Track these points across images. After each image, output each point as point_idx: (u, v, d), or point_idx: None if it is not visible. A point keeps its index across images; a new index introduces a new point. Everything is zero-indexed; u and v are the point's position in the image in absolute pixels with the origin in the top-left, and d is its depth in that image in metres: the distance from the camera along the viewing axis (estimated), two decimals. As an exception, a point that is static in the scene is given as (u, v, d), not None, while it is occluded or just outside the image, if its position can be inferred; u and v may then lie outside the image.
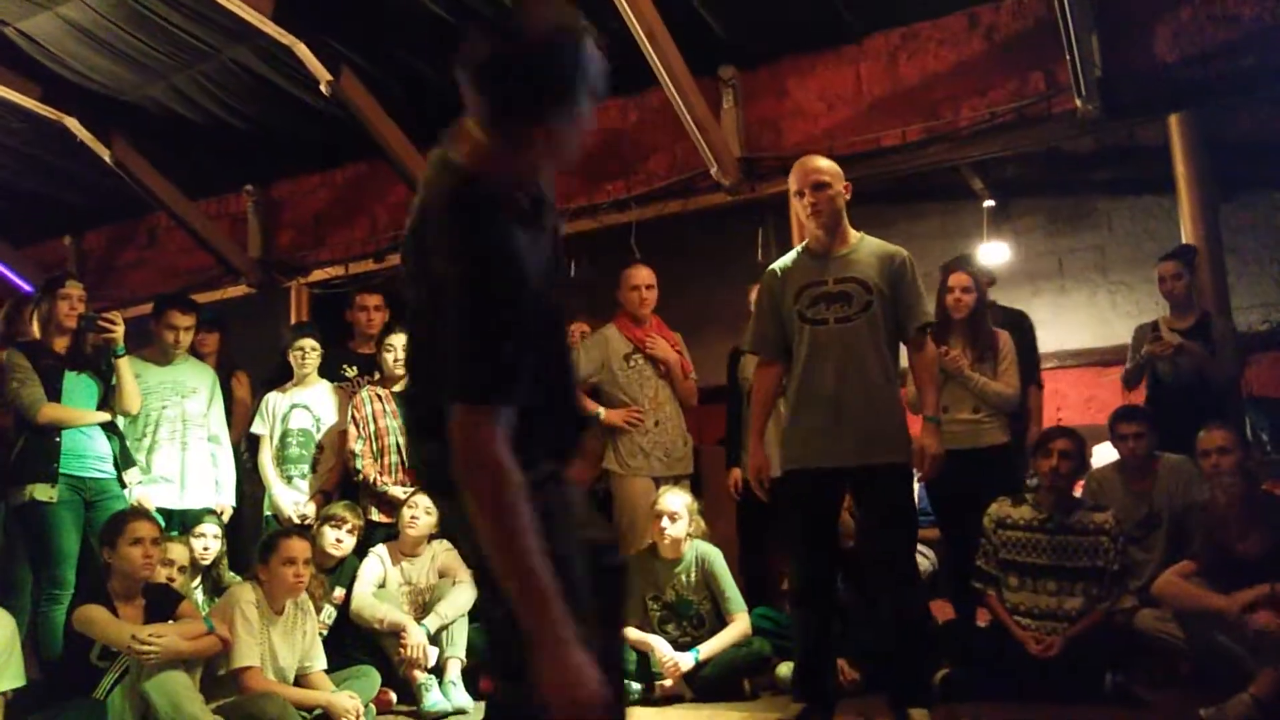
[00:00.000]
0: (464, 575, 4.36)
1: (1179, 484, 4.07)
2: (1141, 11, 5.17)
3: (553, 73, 1.57)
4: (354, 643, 4.33)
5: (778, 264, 3.57)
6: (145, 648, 3.42)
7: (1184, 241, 4.94)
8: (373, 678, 4.14)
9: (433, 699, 4.05)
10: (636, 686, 4.05)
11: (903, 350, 3.50)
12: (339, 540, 4.41)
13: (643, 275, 4.91)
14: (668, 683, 4.03)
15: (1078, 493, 4.34)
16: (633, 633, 4.19)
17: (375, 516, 4.73)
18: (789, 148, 5.70)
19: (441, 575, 4.45)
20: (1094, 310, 7.05)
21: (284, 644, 3.90)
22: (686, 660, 4.05)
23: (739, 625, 4.17)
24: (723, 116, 5.96)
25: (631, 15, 4.91)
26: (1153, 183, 6.08)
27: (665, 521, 4.21)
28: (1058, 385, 6.60)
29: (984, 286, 4.62)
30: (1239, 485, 3.32)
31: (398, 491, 4.69)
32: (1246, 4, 4.95)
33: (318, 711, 3.83)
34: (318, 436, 5.03)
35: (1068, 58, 4.85)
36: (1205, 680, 3.49)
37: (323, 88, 5.87)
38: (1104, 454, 5.23)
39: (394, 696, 4.26)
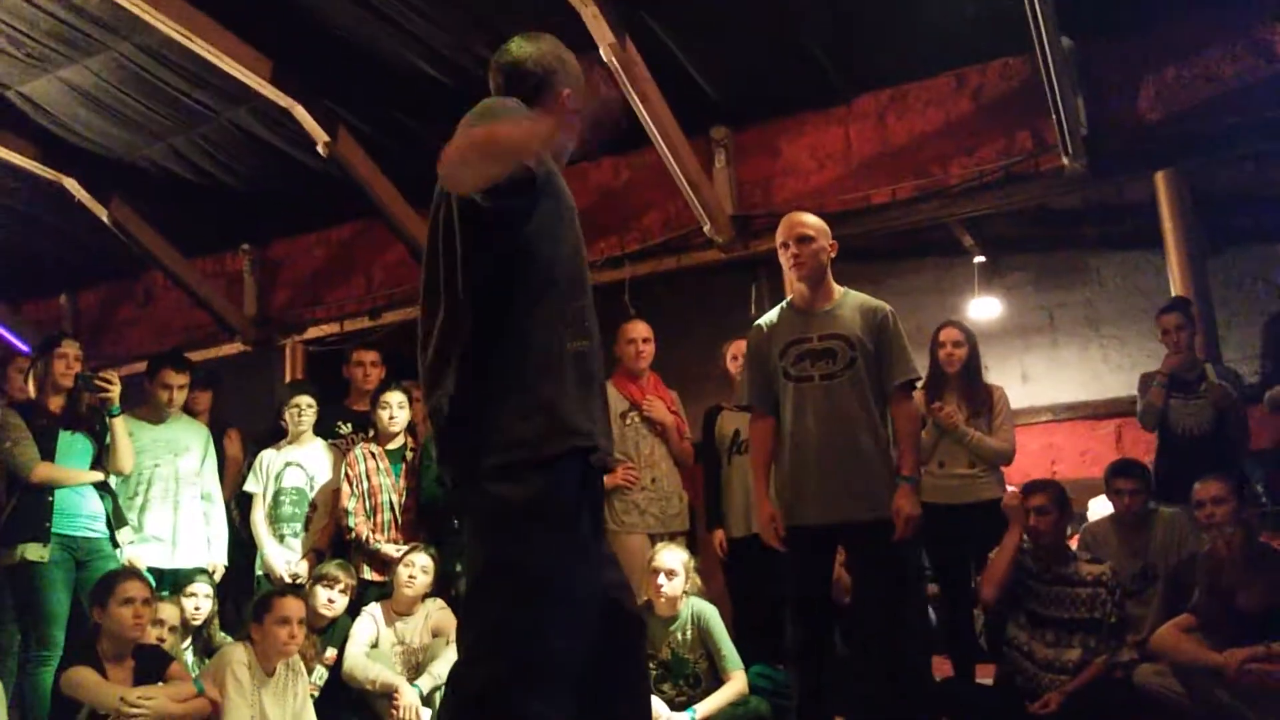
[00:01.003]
0: (453, 634, 4.32)
1: (1175, 537, 4.06)
2: (1125, 71, 5.29)
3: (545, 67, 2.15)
4: (345, 704, 4.27)
5: (763, 320, 3.60)
6: (134, 710, 3.37)
7: (1174, 294, 4.99)
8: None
9: (425, 762, 3.99)
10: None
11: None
12: (331, 600, 4.37)
13: (640, 329, 4.94)
14: (664, 743, 3.97)
15: (1074, 545, 4.35)
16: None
17: (368, 575, 4.69)
18: (781, 205, 5.77)
19: (435, 634, 4.41)
20: (1086, 364, 7.09)
21: (275, 706, 3.84)
22: (683, 720, 4.01)
23: (736, 684, 4.12)
24: (715, 175, 6.05)
25: (625, 79, 5.00)
26: (1141, 238, 6.14)
27: (662, 579, 4.18)
28: (1052, 438, 6.61)
29: (975, 342, 4.65)
30: (1238, 535, 3.32)
31: (390, 549, 4.66)
32: (1227, 63, 5.07)
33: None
34: (311, 495, 5.01)
35: (1053, 117, 4.95)
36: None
37: (320, 149, 5.94)
38: (1099, 507, 5.23)
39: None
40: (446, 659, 4.22)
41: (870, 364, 3.33)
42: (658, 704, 4.04)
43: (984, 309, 7.20)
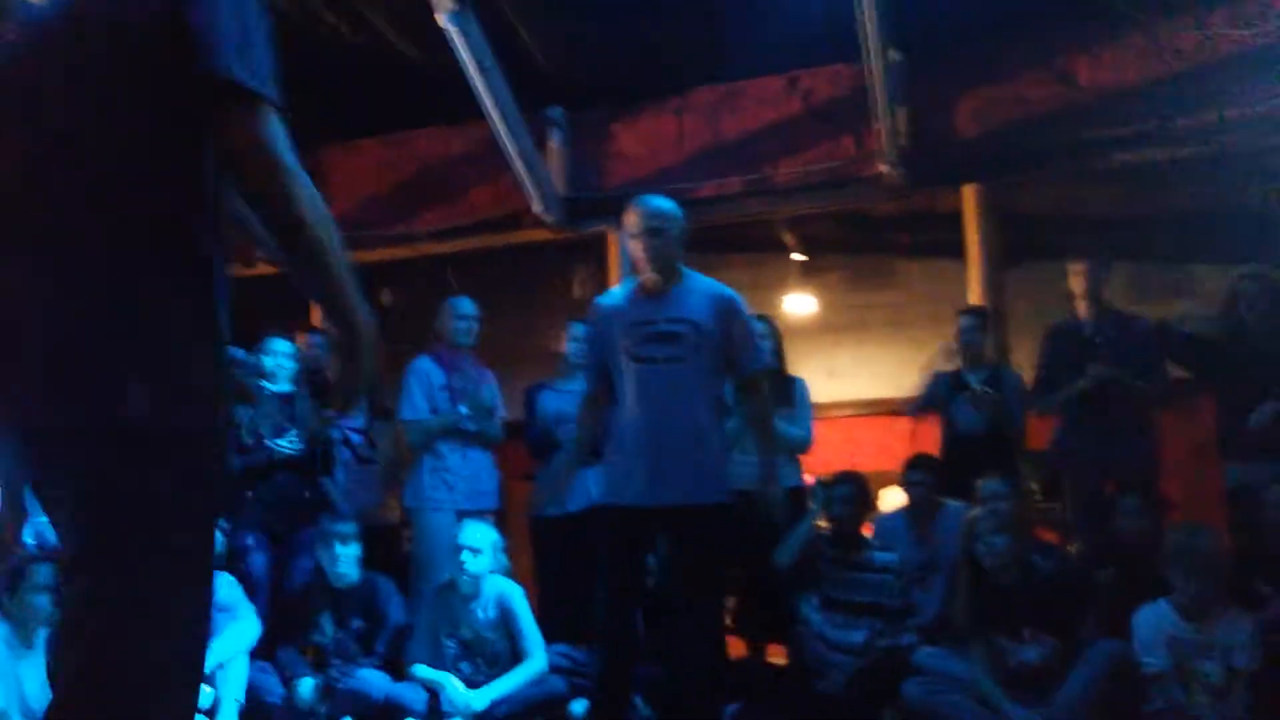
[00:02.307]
0: (242, 610, 4.15)
1: (958, 531, 4.29)
2: (946, 88, 5.54)
3: None
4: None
5: (606, 299, 3.56)
6: None
7: (971, 303, 5.28)
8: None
9: (205, 740, 3.80)
10: (426, 726, 3.93)
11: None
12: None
13: (469, 306, 4.84)
14: (458, 723, 3.93)
15: (868, 533, 4.55)
16: (423, 671, 4.08)
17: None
18: (611, 189, 5.79)
19: (220, 610, 4.20)
20: (889, 363, 7.42)
21: (38, 678, 3.57)
22: (479, 699, 3.96)
23: (534, 663, 4.11)
24: (548, 154, 6.00)
25: (462, 46, 4.89)
26: (947, 247, 6.47)
27: (466, 555, 4.12)
28: (853, 432, 6.91)
29: (779, 333, 4.79)
30: (1002, 520, 3.54)
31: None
32: (1036, 87, 5.39)
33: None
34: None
35: (877, 126, 5.14)
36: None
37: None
38: (892, 498, 5.50)
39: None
40: (230, 635, 4.03)
41: (714, 350, 3.33)
42: (453, 682, 3.99)
43: (799, 305, 7.46)
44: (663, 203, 3.42)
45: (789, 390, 4.63)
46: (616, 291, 3.58)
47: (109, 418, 1.26)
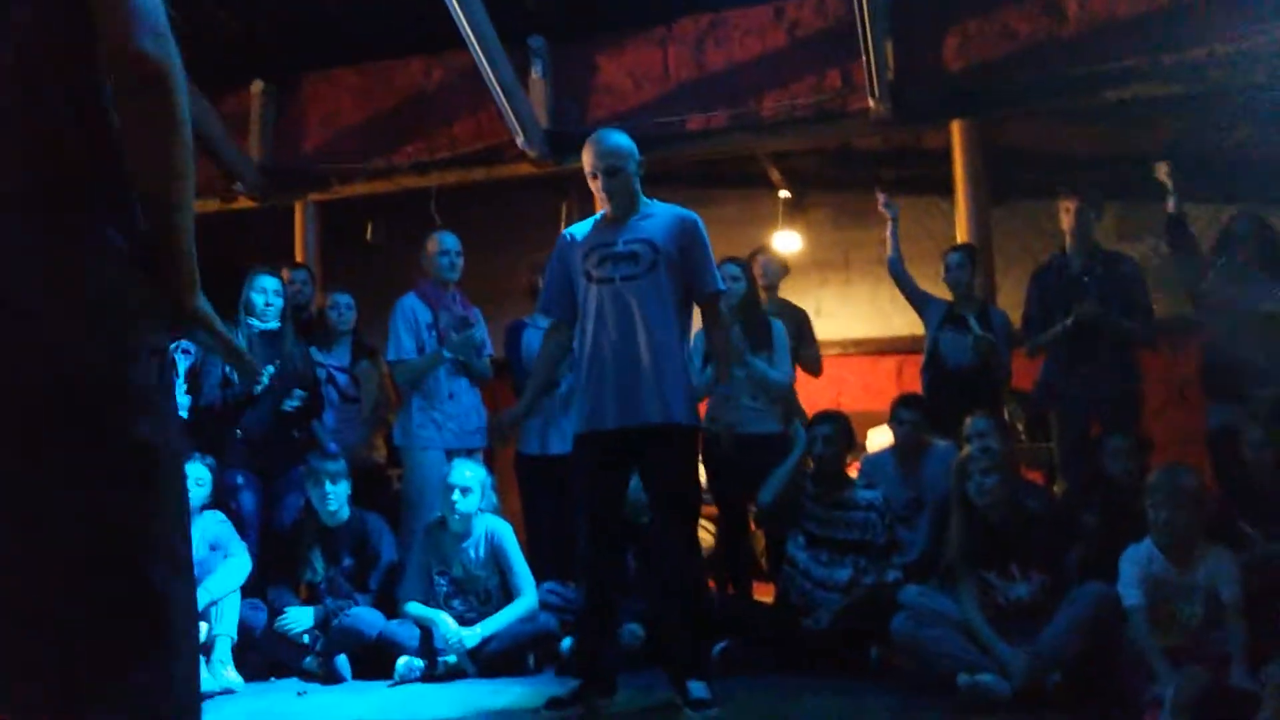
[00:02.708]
0: (235, 548, 4.16)
1: (945, 469, 4.33)
2: (933, 20, 5.46)
3: None
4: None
5: (572, 228, 3.56)
6: None
7: (959, 240, 5.27)
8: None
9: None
10: (419, 663, 3.96)
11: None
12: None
13: (452, 240, 4.79)
14: (451, 659, 3.97)
15: (854, 473, 4.59)
16: (416, 608, 4.11)
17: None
18: (596, 123, 5.69)
19: (212, 548, 4.21)
20: (876, 303, 7.44)
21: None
22: (471, 636, 4.00)
23: (525, 601, 4.15)
24: (530, 86, 5.88)
25: (441, -28, 4.75)
26: (934, 183, 6.44)
27: (456, 495, 4.13)
28: (839, 371, 6.93)
29: (754, 276, 4.76)
30: (993, 459, 3.57)
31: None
32: (1024, 21, 5.32)
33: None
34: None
35: (863, 59, 5.07)
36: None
37: None
38: (878, 438, 5.54)
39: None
40: (222, 575, 4.05)
41: (674, 270, 3.34)
42: (445, 620, 4.03)
43: (786, 242, 7.42)
44: (618, 139, 3.40)
45: (767, 333, 4.63)
46: (584, 223, 3.56)
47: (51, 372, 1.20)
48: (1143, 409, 4.47)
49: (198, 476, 4.17)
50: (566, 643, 4.03)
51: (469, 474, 4.19)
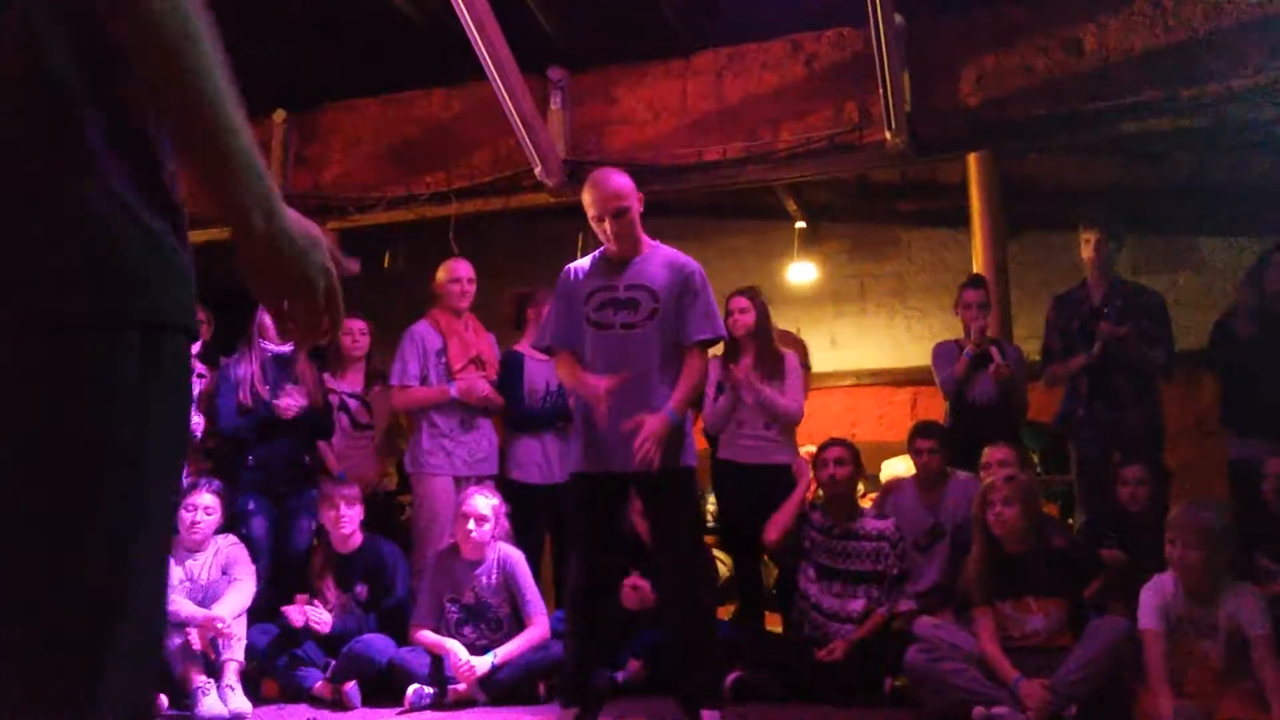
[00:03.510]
0: (242, 571, 4.16)
1: (965, 499, 4.30)
2: (951, 54, 5.49)
3: None
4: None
5: (575, 265, 3.56)
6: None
7: (975, 272, 5.26)
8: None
9: (209, 703, 3.81)
10: (429, 690, 3.94)
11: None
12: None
13: (464, 269, 4.82)
14: (461, 686, 3.94)
15: (868, 503, 4.57)
16: (428, 635, 4.09)
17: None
18: (614, 153, 5.74)
19: (223, 571, 4.21)
20: (891, 333, 7.43)
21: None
22: (482, 664, 3.98)
23: (537, 629, 4.13)
24: (549, 117, 5.93)
25: (463, 5, 4.81)
26: (950, 216, 6.45)
27: (471, 524, 4.12)
28: (854, 401, 6.92)
29: (763, 306, 4.75)
30: (1015, 489, 3.53)
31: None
32: (1041, 55, 5.34)
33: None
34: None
35: (880, 91, 5.09)
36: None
37: None
38: (893, 468, 5.51)
39: (165, 700, 3.97)
40: (231, 599, 4.04)
41: (670, 319, 3.34)
42: (457, 647, 4.01)
43: (801, 273, 7.43)
44: (620, 179, 3.39)
45: (779, 363, 4.63)
46: (585, 260, 3.57)
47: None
48: (1163, 439, 4.44)
49: (206, 505, 4.18)
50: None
51: (484, 503, 4.18)
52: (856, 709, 3.64)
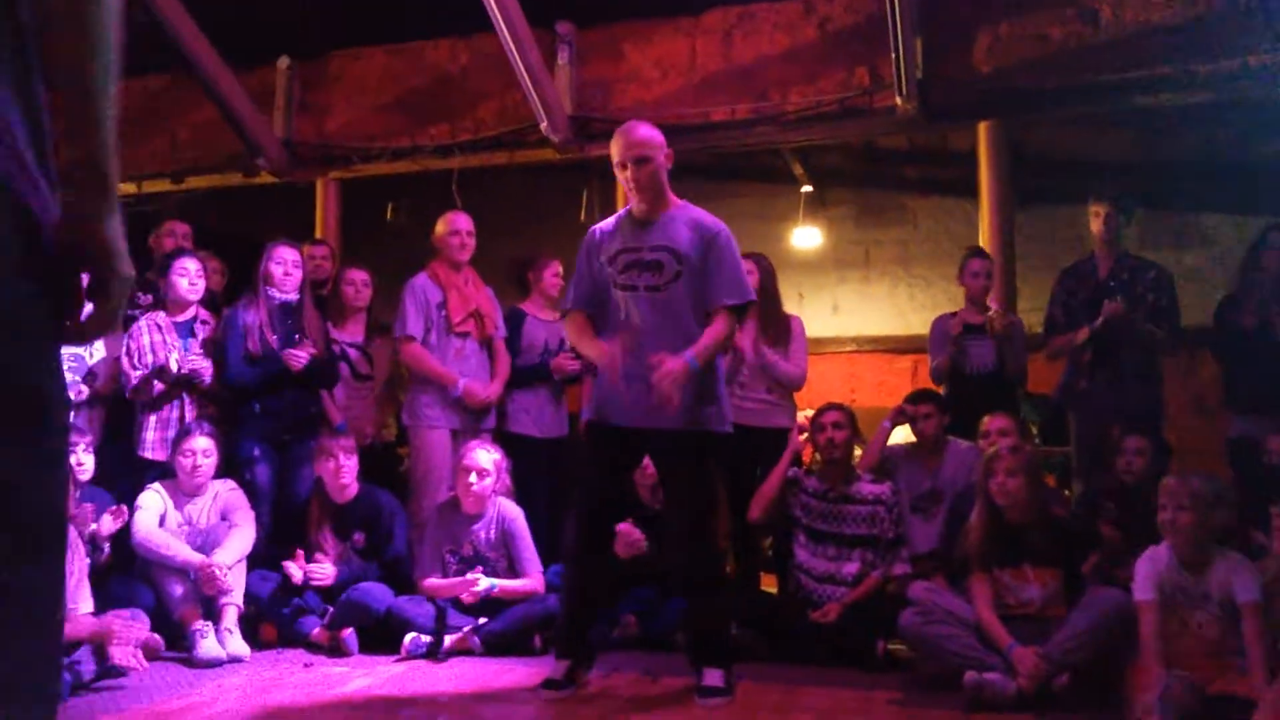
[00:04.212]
0: (242, 517, 4.18)
1: (964, 466, 4.32)
2: (964, 20, 5.43)
3: None
4: (118, 580, 4.06)
5: (600, 225, 3.55)
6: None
7: (980, 243, 5.25)
8: (139, 621, 3.86)
9: (207, 646, 3.83)
10: (426, 639, 3.96)
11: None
12: (80, 464, 4.07)
13: (463, 221, 4.79)
14: (458, 635, 3.97)
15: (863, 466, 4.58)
16: (436, 581, 4.13)
17: (147, 453, 4.43)
18: (620, 111, 5.69)
19: (223, 517, 4.23)
20: (894, 301, 7.42)
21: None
22: (485, 582, 4.02)
23: (530, 581, 4.16)
24: (557, 72, 5.87)
25: (473, -47, 4.75)
26: (957, 185, 6.41)
27: (473, 477, 4.13)
28: (854, 368, 6.93)
29: (768, 270, 4.73)
30: (1019, 460, 3.54)
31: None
32: (1056, 25, 5.28)
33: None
34: (90, 362, 4.64)
35: (893, 56, 5.04)
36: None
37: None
38: (896, 432, 5.51)
39: (163, 642, 3.98)
40: (231, 544, 4.06)
41: (695, 280, 3.32)
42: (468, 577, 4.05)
43: (806, 238, 7.40)
44: (648, 129, 3.39)
45: (784, 327, 4.62)
46: (611, 220, 3.56)
47: None
48: (1164, 414, 4.45)
49: (203, 448, 4.18)
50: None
51: (485, 457, 4.19)
52: (849, 671, 3.67)
